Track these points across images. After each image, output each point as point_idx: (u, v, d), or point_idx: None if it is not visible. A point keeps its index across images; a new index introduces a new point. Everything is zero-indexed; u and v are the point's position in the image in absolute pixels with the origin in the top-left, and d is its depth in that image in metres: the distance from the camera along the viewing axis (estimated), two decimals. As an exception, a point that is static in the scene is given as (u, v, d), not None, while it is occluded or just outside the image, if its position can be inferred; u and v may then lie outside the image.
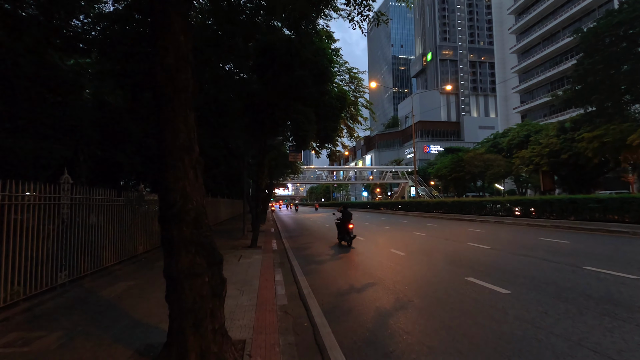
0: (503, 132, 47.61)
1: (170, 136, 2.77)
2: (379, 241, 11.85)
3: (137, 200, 8.20)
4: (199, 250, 2.67)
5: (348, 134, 16.29)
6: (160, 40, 2.88)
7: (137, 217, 8.30)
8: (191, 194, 2.75)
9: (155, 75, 2.87)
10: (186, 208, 2.68)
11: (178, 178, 2.72)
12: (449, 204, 21.82)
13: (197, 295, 2.58)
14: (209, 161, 17.57)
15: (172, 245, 2.62)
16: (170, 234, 2.62)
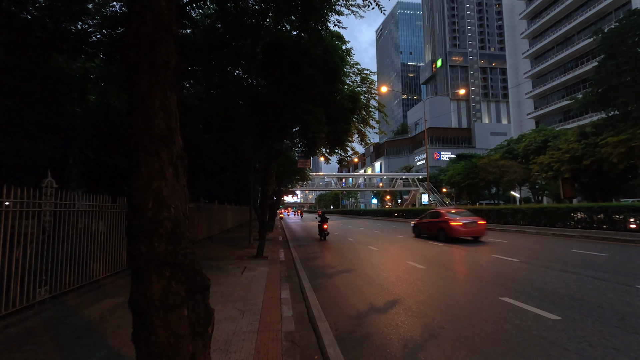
0: (517, 138, 46.24)
1: (144, 123, 2.14)
2: (393, 252, 11.05)
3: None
4: (176, 273, 2.00)
5: (359, 139, 15.64)
6: (135, 3, 2.27)
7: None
8: (168, 199, 2.10)
9: (127, 47, 2.25)
10: (160, 217, 2.03)
11: (152, 177, 2.08)
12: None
13: (171, 335, 1.91)
14: (216, 167, 17.09)
15: (140, 267, 1.96)
16: (138, 252, 1.97)
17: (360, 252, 11.23)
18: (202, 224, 14.66)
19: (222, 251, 11.33)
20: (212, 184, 18.41)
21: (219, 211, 18.66)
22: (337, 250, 12.20)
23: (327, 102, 8.84)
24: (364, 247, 12.45)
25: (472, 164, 37.15)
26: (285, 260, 9.75)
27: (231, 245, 13.01)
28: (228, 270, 7.60)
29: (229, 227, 22.87)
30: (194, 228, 13.25)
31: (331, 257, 10.46)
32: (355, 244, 13.94)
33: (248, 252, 10.97)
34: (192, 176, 15.64)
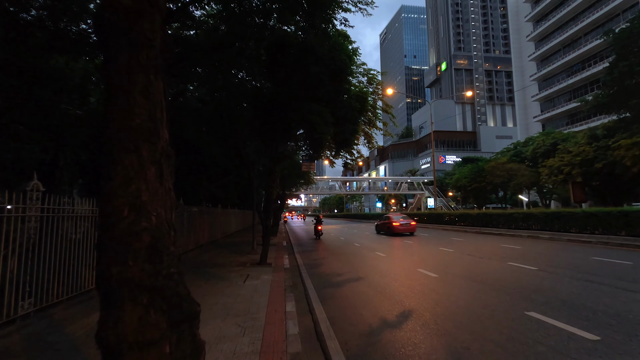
0: (524, 141, 45.58)
1: (120, 113, 1.75)
2: (402, 258, 10.58)
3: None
4: (155, 299, 1.59)
5: (365, 141, 15.25)
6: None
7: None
8: (149, 205, 1.70)
9: (102, 21, 1.87)
10: (137, 228, 1.63)
11: (129, 179, 1.68)
12: (473, 217, 20.25)
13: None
14: (219, 170, 16.77)
15: (110, 291, 1.55)
16: (108, 272, 1.56)
17: (367, 259, 10.78)
18: (205, 228, 14.30)
19: (224, 257, 10.94)
20: (215, 188, 18.09)
21: (222, 215, 18.30)
22: (343, 256, 11.76)
23: (334, 102, 8.46)
24: (371, 253, 11.99)
25: (479, 168, 36.53)
26: (290, 267, 9.33)
27: (234, 251, 12.61)
28: (230, 279, 7.19)
29: (233, 231, 22.51)
30: (195, 233, 12.89)
31: (337, 264, 10.02)
32: (362, 249, 13.48)
33: (251, 259, 10.56)
34: (194, 179, 15.33)
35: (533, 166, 33.10)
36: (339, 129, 8.86)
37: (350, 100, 8.92)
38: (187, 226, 11.87)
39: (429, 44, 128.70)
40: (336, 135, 8.96)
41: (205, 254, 11.91)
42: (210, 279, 7.17)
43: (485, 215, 19.30)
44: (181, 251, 10.95)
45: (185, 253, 11.39)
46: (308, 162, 23.38)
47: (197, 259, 10.67)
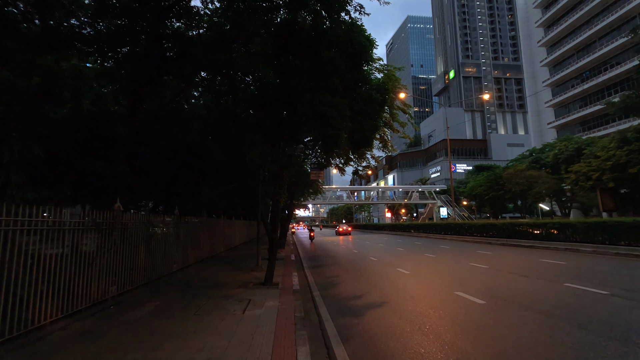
0: (541, 147, 43.77)
1: None
2: (431, 277, 9.08)
3: (109, 222, 6.04)
4: None
5: (381, 145, 13.94)
6: None
7: (111, 245, 6.10)
8: None
9: None
10: None
11: None
12: (498, 227, 18.57)
13: None
14: (222, 178, 15.58)
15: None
16: None
17: (388, 276, 9.32)
18: (206, 241, 13.01)
19: (225, 275, 9.59)
20: (217, 197, 16.87)
21: (225, 227, 17.02)
22: (359, 272, 10.31)
23: (351, 93, 7.21)
24: (392, 270, 10.52)
25: (496, 175, 34.76)
26: (300, 288, 7.94)
27: (236, 267, 11.26)
28: (226, 307, 5.83)
29: (237, 243, 21.17)
30: (195, 246, 11.60)
31: (355, 283, 8.59)
32: (380, 264, 12.00)
33: (255, 277, 9.19)
34: (194, 187, 14.12)
35: (553, 173, 31.29)
36: (357, 125, 7.57)
37: (371, 91, 7.66)
38: (185, 239, 10.60)
39: (435, 53, 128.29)
40: (353, 132, 7.66)
41: (205, 270, 10.57)
42: (202, 308, 5.82)
43: (512, 225, 17.63)
44: (176, 268, 9.61)
45: (182, 269, 10.09)
46: (317, 170, 22.13)
47: (195, 276, 9.34)
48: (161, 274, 8.51)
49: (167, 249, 8.98)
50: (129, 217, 6.81)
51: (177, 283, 8.27)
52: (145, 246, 7.59)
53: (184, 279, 8.89)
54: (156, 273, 8.21)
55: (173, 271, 9.34)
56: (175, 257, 9.56)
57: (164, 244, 8.70)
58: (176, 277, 9.01)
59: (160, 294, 6.91)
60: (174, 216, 9.60)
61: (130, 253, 6.87)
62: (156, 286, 7.72)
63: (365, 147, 8.58)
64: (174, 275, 9.16)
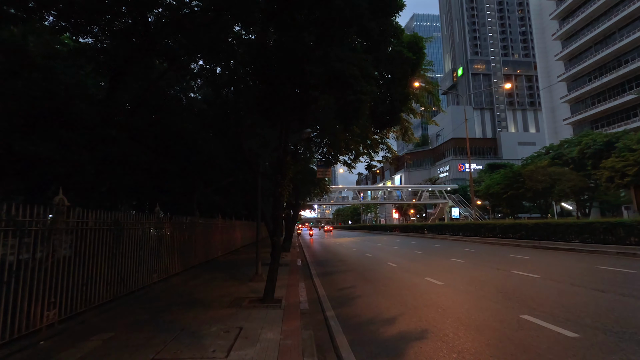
0: (559, 143, 41.39)
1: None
2: (474, 291, 7.21)
3: (43, 222, 4.32)
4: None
5: (401, 132, 12.10)
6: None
7: (48, 254, 4.39)
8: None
9: None
10: None
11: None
12: (529, 227, 16.55)
13: None
14: (217, 173, 13.88)
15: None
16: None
17: (418, 289, 7.48)
18: (199, 245, 11.28)
19: (215, 287, 7.83)
20: (215, 195, 15.17)
21: (224, 228, 15.30)
22: (380, 282, 8.48)
23: (376, 48, 5.41)
24: (418, 279, 8.67)
25: (515, 173, 32.58)
26: (309, 306, 6.15)
27: (232, 276, 9.50)
28: (204, 344, 4.05)
29: (239, 246, 19.45)
30: (183, 251, 9.88)
31: (378, 298, 6.77)
32: (402, 271, 10.15)
33: (252, 289, 7.42)
34: (186, 183, 12.43)
35: (577, 169, 29.07)
36: (383, 93, 5.76)
37: (401, 48, 5.86)
38: (171, 243, 8.88)
39: (443, 50, 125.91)
40: (379, 102, 5.84)
41: (194, 280, 8.83)
42: (168, 346, 4.05)
43: (546, 226, 15.61)
44: (157, 278, 7.85)
45: (166, 279, 8.37)
46: (324, 167, 20.35)
47: (178, 289, 7.60)
48: (135, 288, 6.78)
49: (145, 256, 7.26)
50: (82, 216, 5.09)
51: (152, 300, 6.53)
52: (109, 253, 5.87)
53: (162, 293, 7.15)
54: (127, 287, 6.48)
55: (152, 283, 7.61)
56: (156, 266, 7.83)
57: (139, 250, 6.98)
58: (154, 291, 7.28)
59: (121, 318, 5.17)
60: (156, 215, 7.88)
61: (85, 263, 5.15)
62: (122, 305, 5.99)
63: (391, 123, 6.68)
64: (152, 289, 7.42)
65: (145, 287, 7.21)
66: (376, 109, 5.98)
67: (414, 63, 6.12)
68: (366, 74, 4.86)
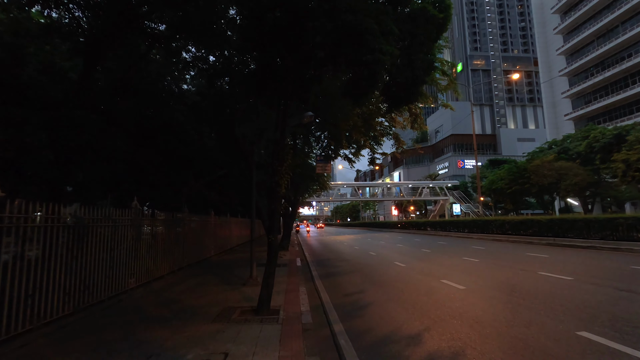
0: (562, 138, 40.51)
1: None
2: (505, 297, 6.19)
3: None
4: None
5: (409, 120, 11.06)
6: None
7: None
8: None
9: None
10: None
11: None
12: (542, 224, 15.60)
13: None
14: (208, 164, 12.81)
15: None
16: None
17: (438, 294, 6.46)
18: (188, 244, 10.21)
19: (202, 293, 6.79)
20: (207, 190, 14.09)
21: (217, 226, 14.22)
22: (391, 286, 7.44)
23: (394, 3, 4.34)
24: (435, 282, 7.65)
25: (520, 168, 31.64)
26: (312, 316, 5.12)
27: (224, 279, 8.45)
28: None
29: (234, 245, 18.38)
30: (171, 251, 8.81)
31: (392, 306, 5.75)
32: (414, 273, 9.13)
33: (246, 296, 6.39)
34: (174, 177, 11.35)
35: (584, 164, 28.15)
36: (402, 58, 4.68)
37: (425, 5, 4.77)
38: (154, 242, 7.81)
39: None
40: (394, 74, 4.76)
41: (179, 284, 7.78)
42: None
43: (562, 222, 14.65)
44: (135, 283, 6.72)
45: (146, 284, 7.31)
46: (323, 162, 19.29)
47: (158, 297, 6.55)
48: (105, 296, 5.72)
49: (119, 258, 6.19)
50: (24, 210, 4.01)
51: (124, 311, 5.47)
52: (69, 256, 4.80)
53: (139, 302, 6.10)
54: (94, 295, 5.42)
55: (129, 289, 6.55)
56: (134, 268, 6.76)
57: (111, 251, 5.91)
58: (129, 299, 6.22)
59: (76, 338, 4.11)
60: (133, 210, 6.80)
61: (31, 269, 4.08)
62: (85, 319, 4.93)
63: (409, 99, 5.51)
64: (128, 296, 6.36)
65: (119, 295, 6.14)
66: (392, 81, 4.90)
67: (440, 24, 4.99)
68: (385, 30, 3.81)
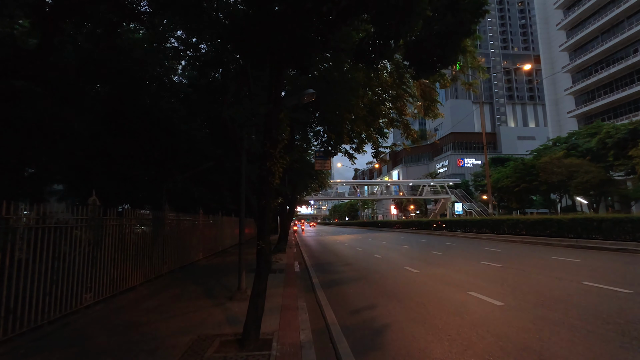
0: (567, 136, 39.37)
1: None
2: (548, 315, 4.86)
3: None
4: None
5: (422, 108, 9.74)
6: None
7: None
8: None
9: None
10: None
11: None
12: (563, 223, 14.30)
13: None
14: (200, 158, 11.46)
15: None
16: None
17: (472, 313, 5.12)
18: (169, 247, 8.83)
19: (177, 311, 5.42)
20: (196, 186, 12.71)
21: (206, 226, 12.85)
22: (409, 299, 6.10)
23: None
24: (462, 295, 6.33)
25: (528, 165, 30.42)
26: (316, 349, 3.79)
27: (207, 290, 7.08)
28: None
29: (227, 246, 17.01)
30: (146, 257, 7.43)
31: (418, 330, 4.41)
32: (431, 281, 7.79)
33: (230, 316, 5.03)
34: (155, 170, 9.97)
35: (594, 161, 26.97)
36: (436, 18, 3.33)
37: None
38: (121, 246, 6.44)
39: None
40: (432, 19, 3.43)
41: (150, 298, 6.40)
42: None
43: (586, 221, 13.37)
44: (91, 299, 5.27)
45: (108, 299, 5.94)
46: (323, 159, 18.01)
47: (114, 318, 5.18)
48: (46, 320, 4.35)
49: (68, 269, 4.82)
50: None
51: (58, 343, 4.09)
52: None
53: (88, 326, 4.71)
54: (25, 322, 4.05)
55: (83, 307, 5.18)
56: (91, 281, 5.39)
57: (54, 260, 4.53)
58: (78, 322, 4.83)
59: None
60: (90, 208, 5.42)
61: None
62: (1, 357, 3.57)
63: (448, 58, 4.14)
64: (79, 317, 4.99)
65: (67, 316, 4.78)
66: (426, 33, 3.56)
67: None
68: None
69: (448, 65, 4.16)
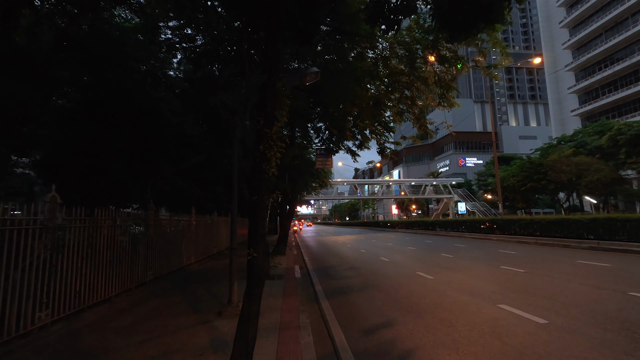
0: (572, 134, 38.48)
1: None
2: (607, 337, 3.92)
3: None
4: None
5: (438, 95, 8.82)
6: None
7: None
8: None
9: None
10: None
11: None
12: (583, 223, 13.31)
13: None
14: (191, 153, 10.51)
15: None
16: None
17: (512, 334, 4.17)
18: (154, 250, 7.87)
19: (151, 331, 4.46)
20: (189, 184, 11.76)
21: (200, 226, 11.87)
22: (431, 314, 5.14)
23: None
24: (492, 309, 5.37)
25: (535, 163, 29.49)
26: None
27: (193, 302, 6.11)
28: None
29: (223, 248, 16.01)
30: (127, 264, 6.47)
31: (444, 351, 3.47)
32: (450, 290, 6.83)
33: (216, 340, 4.07)
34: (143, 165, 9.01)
35: (604, 159, 26.05)
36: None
37: None
38: (92, 253, 5.48)
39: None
40: None
41: (126, 313, 5.43)
42: None
43: (608, 222, 12.40)
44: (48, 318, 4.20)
45: (76, 313, 4.98)
46: (324, 157, 17.08)
47: (77, 341, 4.23)
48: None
49: (15, 282, 3.86)
50: None
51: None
52: None
53: (35, 356, 3.74)
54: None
55: (36, 327, 4.21)
56: (47, 295, 4.42)
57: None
58: (25, 349, 3.86)
59: None
60: (47, 207, 4.46)
61: None
62: None
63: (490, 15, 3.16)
64: (29, 341, 4.02)
65: (13, 340, 3.81)
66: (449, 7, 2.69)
67: None
68: None
69: (491, 24, 3.22)
